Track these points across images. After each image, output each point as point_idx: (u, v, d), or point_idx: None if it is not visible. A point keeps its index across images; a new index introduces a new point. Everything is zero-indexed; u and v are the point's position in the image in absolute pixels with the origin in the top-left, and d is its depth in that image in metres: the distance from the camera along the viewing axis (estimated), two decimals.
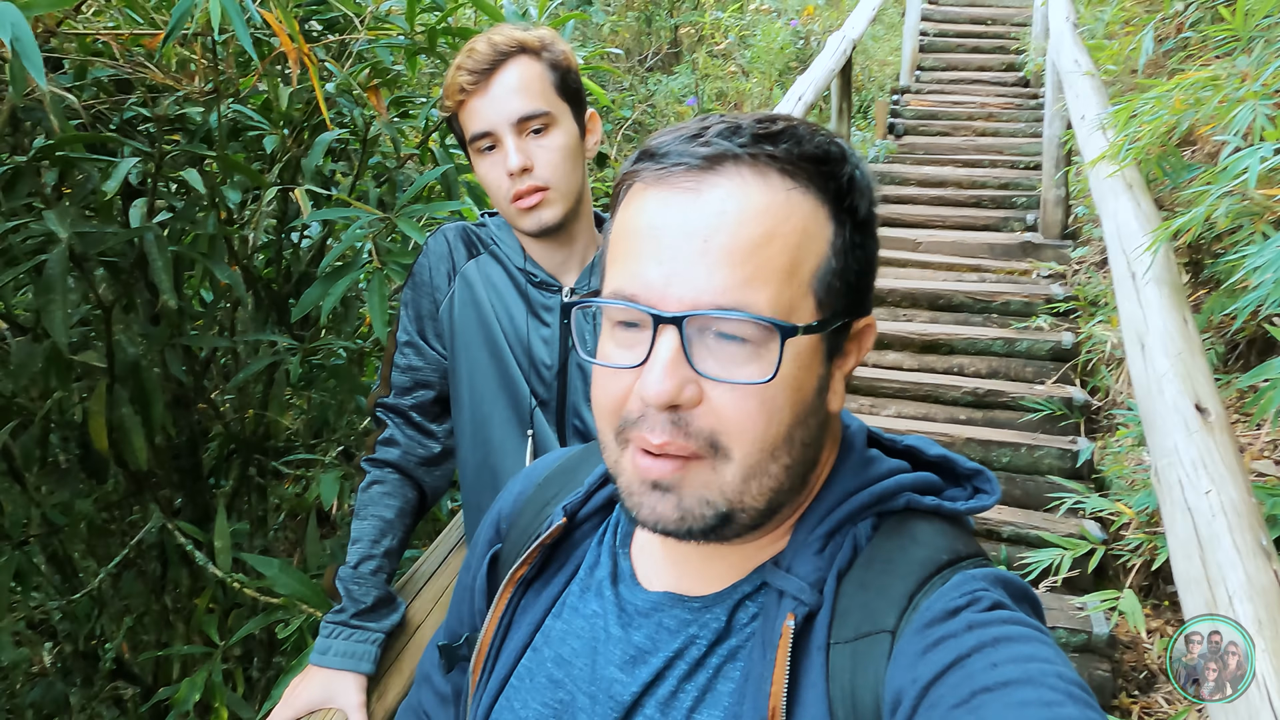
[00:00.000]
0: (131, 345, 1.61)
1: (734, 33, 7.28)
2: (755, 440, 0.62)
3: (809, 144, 0.63)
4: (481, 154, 1.29)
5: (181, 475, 2.37)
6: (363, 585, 1.33)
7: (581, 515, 0.81)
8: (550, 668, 0.75)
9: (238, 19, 1.18)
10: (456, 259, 1.40)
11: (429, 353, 1.42)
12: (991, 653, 0.56)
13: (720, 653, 0.68)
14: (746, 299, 0.60)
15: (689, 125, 0.65)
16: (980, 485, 0.72)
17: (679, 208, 0.61)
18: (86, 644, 2.32)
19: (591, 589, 0.77)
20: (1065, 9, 5.03)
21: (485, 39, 1.26)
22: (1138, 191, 2.62)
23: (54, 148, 1.39)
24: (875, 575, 0.65)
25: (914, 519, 0.68)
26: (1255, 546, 1.37)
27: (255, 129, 2.00)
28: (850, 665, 0.62)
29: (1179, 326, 1.92)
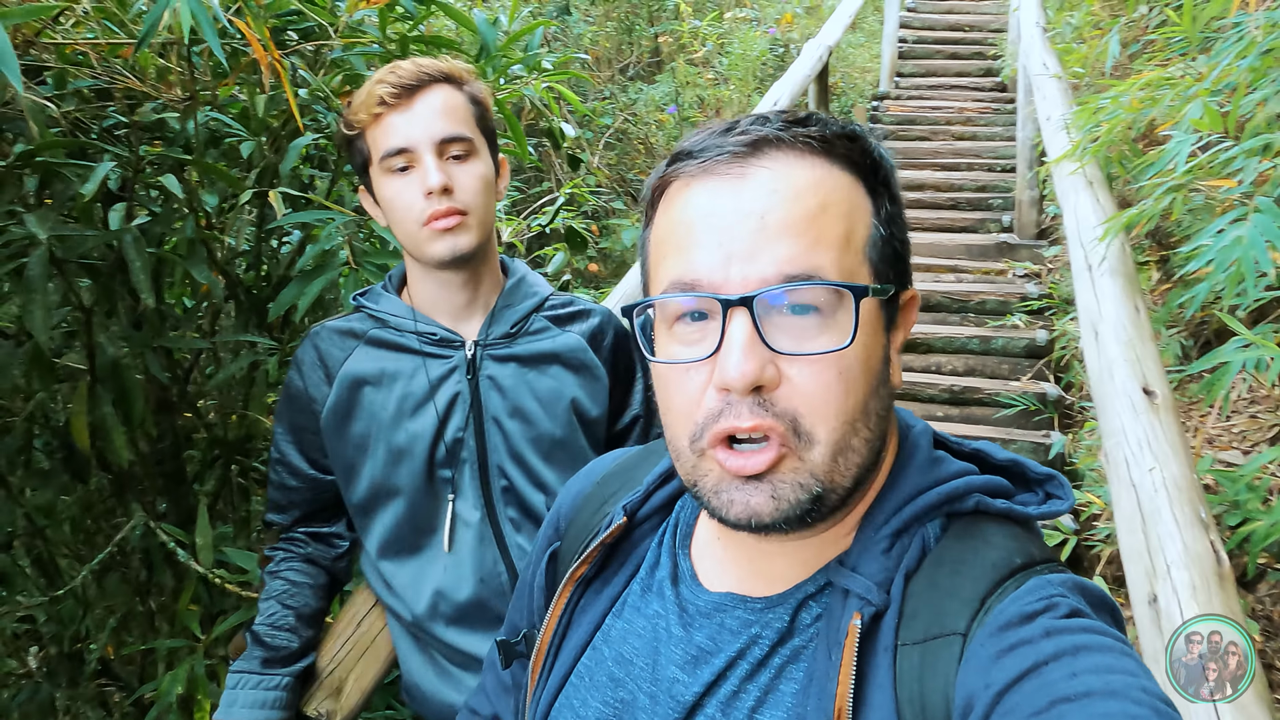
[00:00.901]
0: (112, 346, 1.65)
1: (711, 40, 7.37)
2: (837, 414, 0.62)
3: (834, 125, 0.66)
4: (392, 174, 1.23)
5: (165, 479, 2.40)
6: (275, 635, 1.31)
7: (641, 515, 0.80)
8: (611, 667, 0.75)
9: (208, 28, 1.23)
10: (329, 363, 1.32)
11: (303, 471, 1.37)
12: (1071, 661, 0.54)
13: (783, 653, 0.67)
14: (813, 264, 0.61)
15: (717, 124, 0.67)
16: (1053, 490, 0.69)
17: (729, 192, 0.62)
18: (72, 646, 2.34)
19: (653, 589, 0.77)
20: (1035, 14, 5.14)
21: (410, 61, 1.25)
22: (1097, 188, 2.70)
23: (33, 154, 1.44)
24: (945, 576, 0.63)
25: (984, 521, 0.67)
26: (1194, 518, 1.43)
27: (233, 136, 2.05)
28: (919, 667, 0.60)
29: (1130, 315, 1.99)
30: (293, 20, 2.14)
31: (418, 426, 1.31)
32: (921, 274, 5.15)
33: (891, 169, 0.69)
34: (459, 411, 1.32)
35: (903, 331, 0.70)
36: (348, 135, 1.27)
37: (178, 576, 2.32)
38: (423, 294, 1.33)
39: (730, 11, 8.08)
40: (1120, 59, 4.80)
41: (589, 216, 5.77)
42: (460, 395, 1.32)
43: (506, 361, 1.34)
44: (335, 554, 1.43)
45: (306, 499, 1.39)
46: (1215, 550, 1.36)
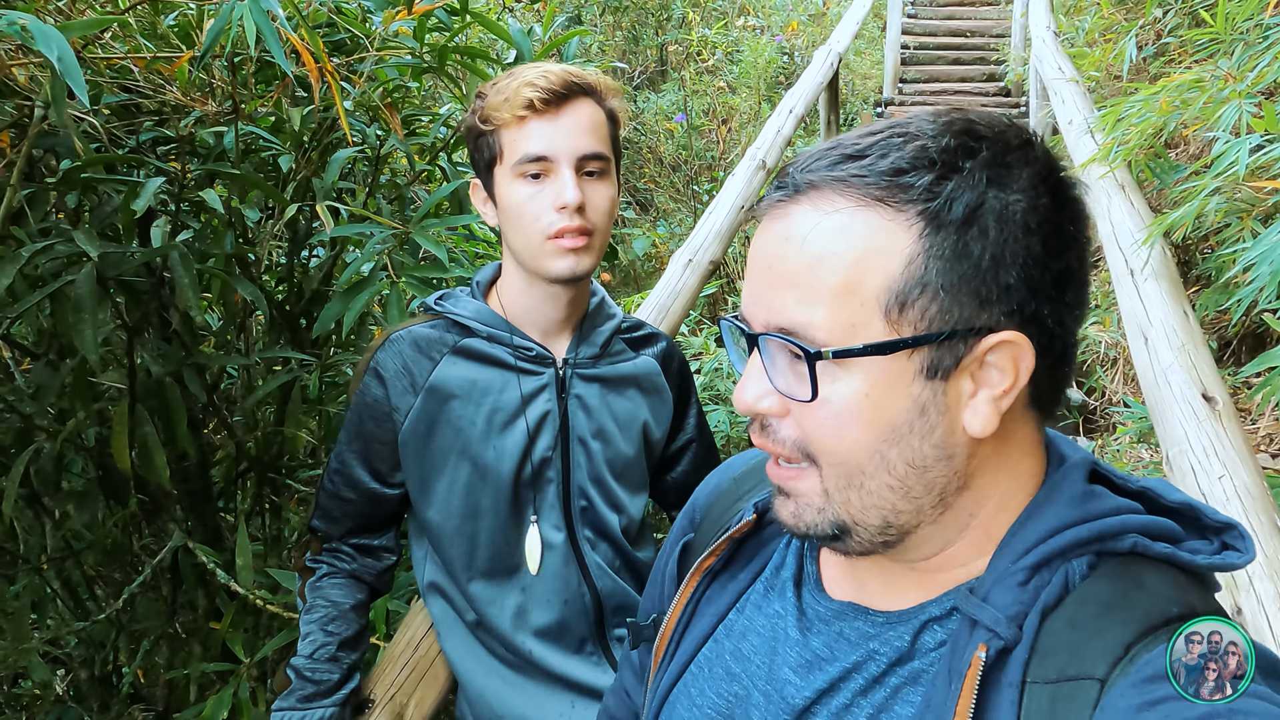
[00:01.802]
0: (155, 365, 1.62)
1: (720, 49, 7.37)
2: (832, 454, 0.63)
3: (895, 153, 0.61)
4: (523, 179, 1.19)
5: (191, 497, 2.37)
6: (317, 669, 1.28)
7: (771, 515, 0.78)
8: (729, 660, 0.76)
9: (272, 38, 1.20)
10: (416, 372, 1.27)
11: (364, 484, 1.31)
12: None
13: (901, 674, 0.66)
14: (798, 320, 0.62)
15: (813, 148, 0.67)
16: (1230, 541, 0.64)
17: (762, 235, 0.66)
18: (102, 669, 2.30)
19: (775, 589, 0.77)
20: (1045, 18, 5.15)
21: (560, 66, 1.21)
22: (1130, 191, 2.68)
23: (79, 169, 1.41)
24: (1089, 617, 0.60)
25: (1142, 565, 0.62)
26: (1271, 527, 1.41)
27: (268, 149, 2.02)
28: (1049, 709, 0.57)
29: (1180, 320, 1.97)
30: (327, 32, 2.11)
31: (507, 444, 1.28)
32: None
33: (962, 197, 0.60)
34: (548, 431, 1.30)
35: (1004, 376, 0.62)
36: (479, 129, 1.22)
37: (209, 597, 2.28)
38: (518, 303, 1.29)
39: (736, 20, 8.09)
40: (1135, 62, 4.80)
41: None
42: (550, 414, 1.30)
43: (592, 382, 1.33)
44: (381, 568, 1.40)
45: (360, 512, 1.35)
46: None
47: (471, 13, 2.11)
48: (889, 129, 0.64)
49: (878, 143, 0.62)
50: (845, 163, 0.62)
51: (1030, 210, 0.60)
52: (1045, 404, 0.66)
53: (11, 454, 1.83)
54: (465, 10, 2.09)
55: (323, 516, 1.36)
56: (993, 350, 0.61)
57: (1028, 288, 0.61)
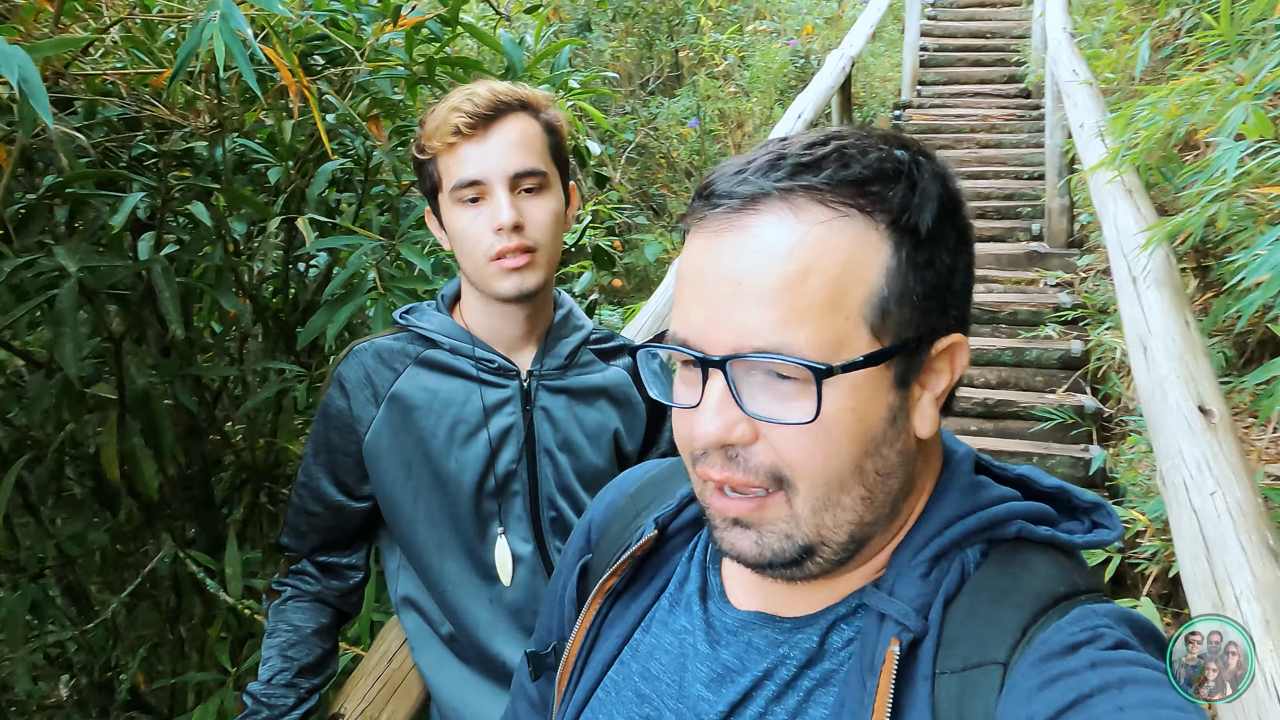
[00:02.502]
0: (141, 376, 1.64)
1: (733, 54, 7.35)
2: (817, 474, 0.61)
3: (856, 165, 0.61)
4: (462, 205, 1.20)
5: (194, 505, 2.39)
6: (272, 695, 1.28)
7: (673, 528, 0.80)
8: (637, 682, 0.74)
9: (241, 57, 1.21)
10: (378, 383, 1.27)
11: (330, 497, 1.31)
12: (1117, 695, 0.53)
13: (812, 676, 0.66)
14: (784, 339, 0.59)
15: (738, 159, 0.65)
16: (1100, 519, 0.67)
17: (717, 251, 0.61)
18: (102, 675, 2.33)
19: (681, 604, 0.76)
20: (1062, 19, 5.07)
21: (486, 86, 1.20)
22: (1137, 196, 2.63)
23: (64, 185, 1.43)
24: (985, 604, 0.62)
25: (1027, 549, 0.65)
26: (1262, 546, 1.36)
27: (261, 162, 2.04)
28: (957, 696, 0.59)
29: (1180, 329, 1.92)
30: (319, 45, 2.13)
31: (469, 455, 1.28)
32: None
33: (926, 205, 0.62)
34: (512, 443, 1.29)
35: (943, 378, 0.65)
36: (418, 158, 1.24)
37: (207, 604, 2.30)
38: (479, 320, 1.30)
39: (750, 24, 8.07)
40: (1152, 63, 4.71)
41: (612, 233, 5.75)
42: (515, 427, 1.29)
43: (559, 393, 1.33)
44: (347, 588, 1.39)
45: (328, 526, 1.35)
46: None
47: (462, 24, 2.11)
48: (830, 137, 0.64)
49: (831, 153, 0.61)
50: (804, 172, 0.61)
51: (966, 217, 0.65)
52: (948, 402, 0.68)
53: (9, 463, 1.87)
54: (455, 22, 2.09)
55: (290, 532, 1.36)
56: (942, 353, 0.65)
57: (966, 291, 0.66)
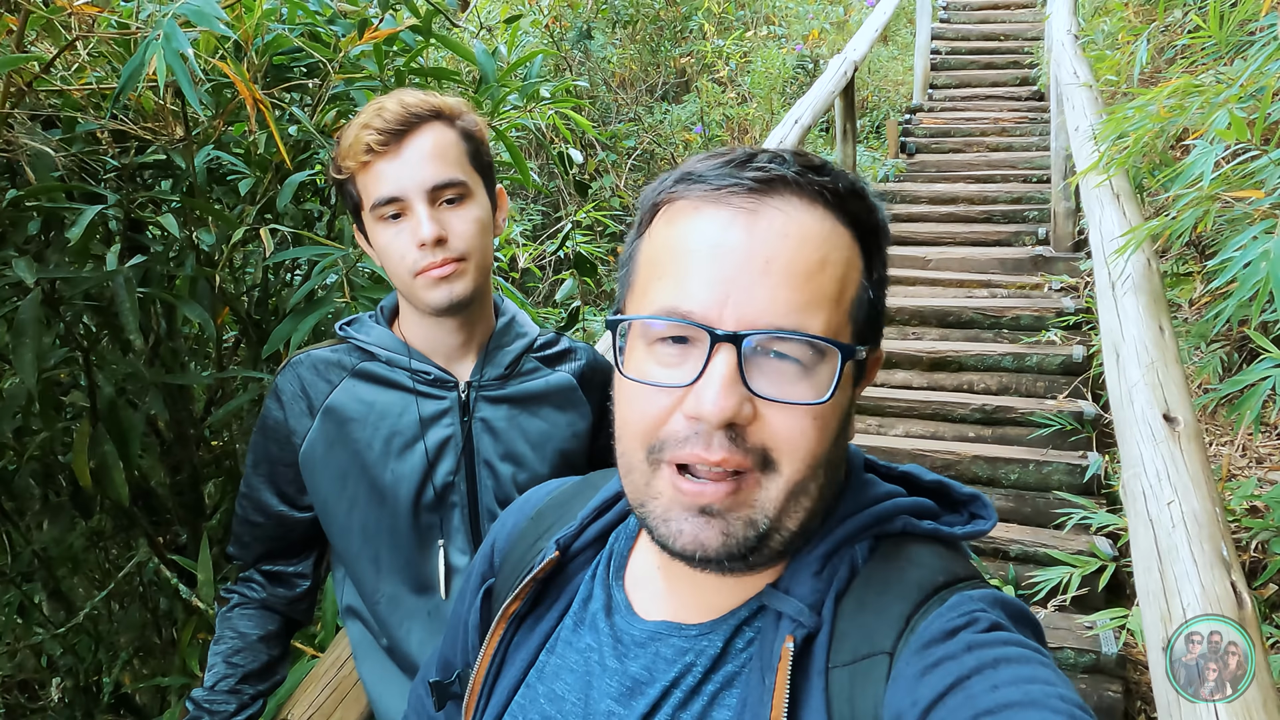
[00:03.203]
0: (109, 385, 1.67)
1: (734, 60, 7.33)
2: (805, 457, 0.62)
3: (845, 180, 0.66)
4: (384, 222, 1.18)
5: (185, 511, 2.43)
6: (215, 701, 1.28)
7: (575, 549, 0.80)
8: (544, 704, 0.74)
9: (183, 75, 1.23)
10: (313, 395, 1.27)
11: (271, 508, 1.32)
12: (992, 674, 0.56)
13: (716, 679, 0.67)
14: (805, 321, 0.61)
15: (733, 153, 0.66)
16: (976, 511, 0.72)
17: (740, 227, 0.62)
18: (88, 678, 2.37)
19: (585, 622, 0.76)
20: (1067, 21, 5.02)
21: (395, 99, 1.17)
22: (1125, 200, 2.59)
23: (23, 199, 1.46)
24: (873, 596, 0.64)
25: (910, 542, 0.68)
26: (1214, 557, 1.34)
27: (236, 174, 2.07)
28: (849, 688, 0.61)
29: (1154, 336, 1.89)
30: (297, 57, 2.16)
31: (405, 467, 1.27)
32: (954, 289, 5.03)
33: (886, 232, 0.69)
34: (450, 455, 1.28)
35: (864, 386, 0.72)
36: (336, 178, 1.23)
37: (188, 609, 2.33)
38: (416, 333, 1.30)
39: (756, 30, 8.05)
40: (1156, 65, 4.65)
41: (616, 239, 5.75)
42: (452, 439, 1.28)
43: (499, 403, 1.31)
44: (294, 596, 1.39)
45: (271, 536, 1.35)
46: (1237, 592, 1.26)
47: (435, 35, 2.14)
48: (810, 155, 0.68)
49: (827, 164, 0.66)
50: (813, 173, 0.65)
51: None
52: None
53: None
54: (428, 33, 2.11)
55: (235, 542, 1.37)
56: (872, 363, 0.71)
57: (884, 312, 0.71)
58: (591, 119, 6.28)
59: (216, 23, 1.26)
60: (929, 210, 5.98)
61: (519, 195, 6.21)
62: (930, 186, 6.32)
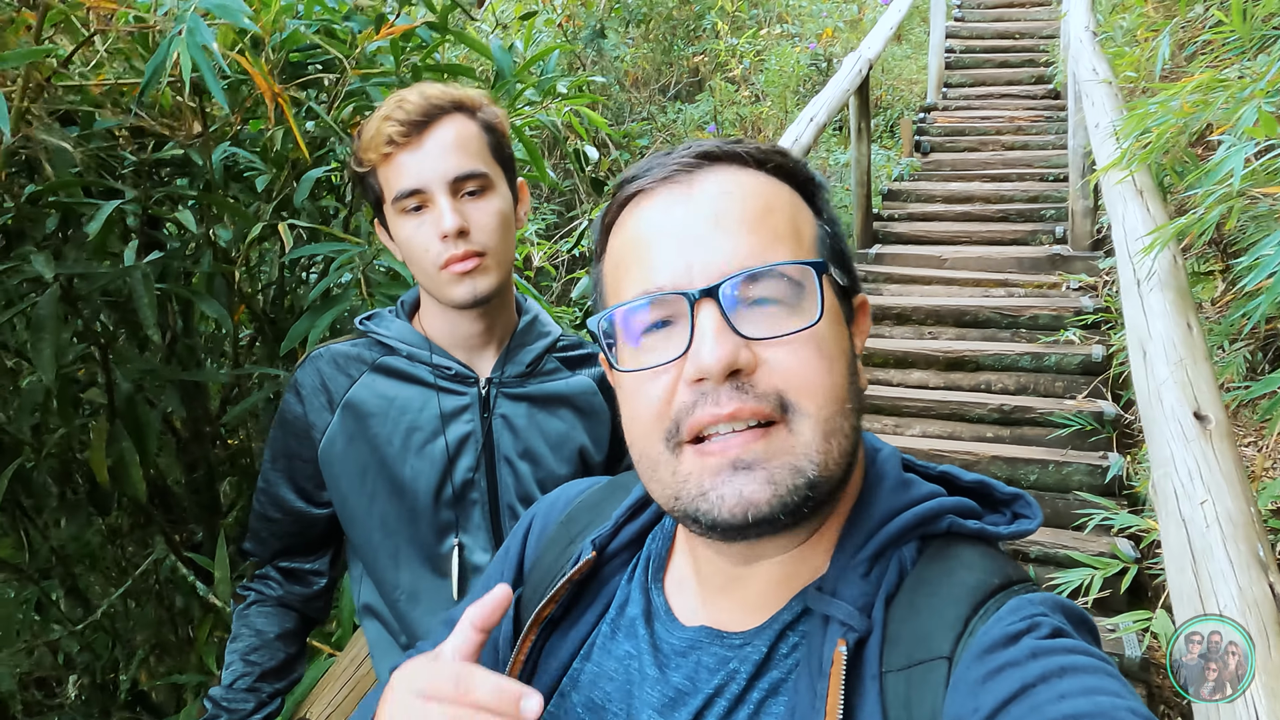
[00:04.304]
0: (126, 381, 1.66)
1: (748, 58, 7.31)
2: (823, 389, 0.62)
3: (766, 146, 0.69)
4: (406, 214, 1.17)
5: (200, 509, 2.43)
6: (233, 699, 1.27)
7: (611, 550, 0.78)
8: (580, 713, 0.72)
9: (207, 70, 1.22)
10: (333, 389, 1.26)
11: (289, 504, 1.31)
12: (1058, 683, 0.54)
13: (761, 687, 0.65)
14: (770, 256, 0.63)
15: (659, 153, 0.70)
16: (1020, 510, 0.70)
17: (680, 199, 0.65)
18: (104, 676, 2.37)
19: (623, 628, 0.74)
20: (1084, 18, 4.97)
21: (417, 91, 1.17)
22: (1148, 196, 2.55)
23: (43, 194, 1.46)
24: (924, 599, 0.63)
25: (958, 543, 0.67)
26: (1250, 558, 1.31)
27: (253, 170, 2.07)
28: (905, 694, 0.59)
29: (1181, 333, 1.86)
30: (314, 54, 2.16)
31: (424, 463, 1.26)
32: (970, 289, 4.99)
33: (821, 185, 0.72)
34: (470, 451, 1.27)
35: (860, 338, 0.72)
36: (357, 171, 1.22)
37: (204, 607, 2.33)
38: (437, 327, 1.29)
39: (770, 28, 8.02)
40: (1176, 61, 4.60)
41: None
42: (472, 434, 1.27)
43: (520, 401, 1.30)
44: (311, 593, 1.38)
45: (288, 532, 1.35)
46: (1275, 594, 1.23)
47: (451, 31, 2.12)
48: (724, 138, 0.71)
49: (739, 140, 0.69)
50: (735, 145, 0.68)
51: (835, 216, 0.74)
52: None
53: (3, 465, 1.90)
54: (445, 28, 2.10)
55: (252, 538, 1.36)
56: (860, 310, 0.72)
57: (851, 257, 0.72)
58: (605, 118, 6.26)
59: (240, 16, 1.25)
60: (944, 209, 5.94)
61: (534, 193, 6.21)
62: (946, 185, 6.28)
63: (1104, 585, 2.92)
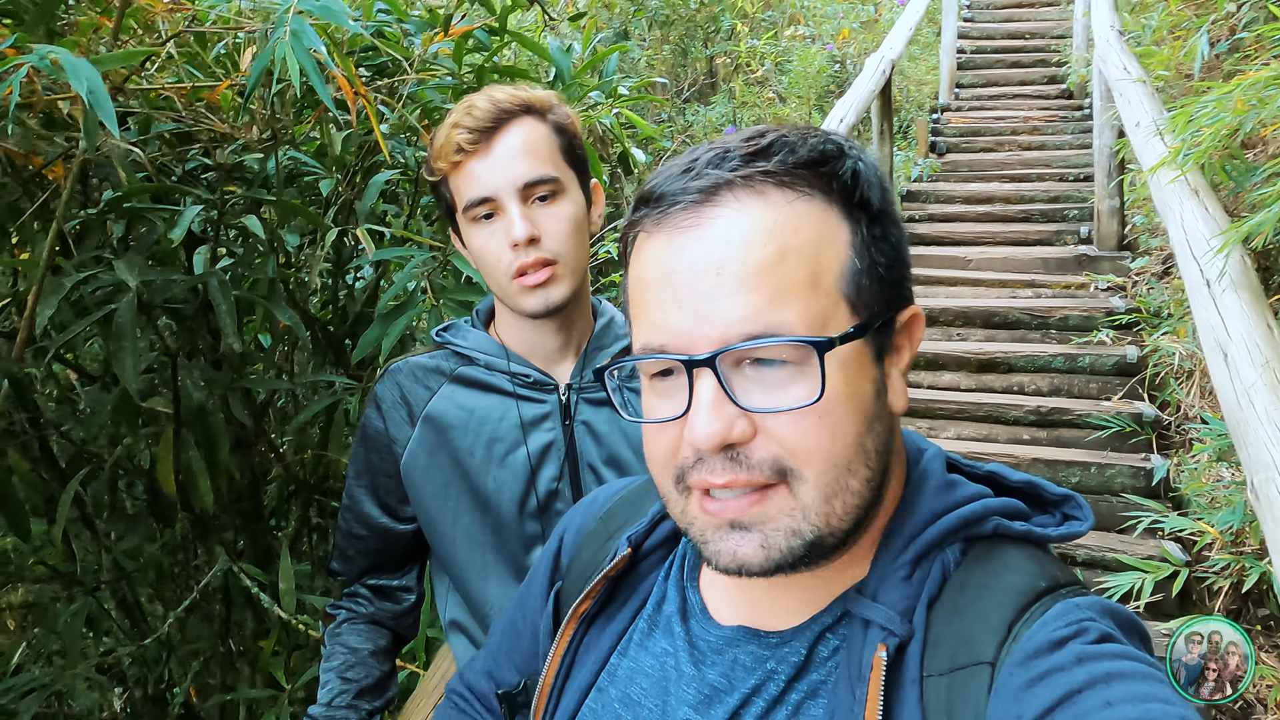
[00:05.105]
0: (197, 390, 1.63)
1: (770, 59, 7.29)
2: (824, 458, 0.60)
3: (803, 149, 0.62)
4: (477, 223, 1.15)
5: (243, 518, 2.39)
6: (334, 716, 1.25)
7: (646, 547, 0.78)
8: (617, 708, 0.72)
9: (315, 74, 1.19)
10: (414, 402, 1.24)
11: (374, 520, 1.29)
12: (1105, 690, 0.52)
13: (800, 689, 0.64)
14: (774, 320, 0.58)
15: (678, 161, 0.64)
16: (1070, 512, 0.68)
17: (685, 248, 0.60)
18: (155, 688, 2.33)
19: (659, 625, 0.74)
20: (1109, 16, 4.96)
21: (485, 96, 1.14)
22: (1204, 196, 2.53)
23: (122, 200, 1.43)
24: (969, 602, 0.61)
25: (1004, 545, 0.65)
26: None
27: (310, 174, 2.04)
28: (947, 699, 0.58)
29: (1264, 333, 1.83)
30: (367, 56, 2.13)
31: (507, 474, 1.23)
32: (997, 289, 4.96)
33: (871, 183, 0.64)
34: (553, 460, 1.24)
35: (906, 352, 0.67)
36: (431, 181, 1.20)
37: (258, 617, 2.29)
38: (513, 335, 1.26)
39: (786, 30, 8.00)
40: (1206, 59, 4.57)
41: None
42: (555, 443, 1.24)
43: (601, 406, 1.27)
44: (401, 610, 1.36)
45: (374, 549, 1.32)
46: None
47: (510, 32, 2.10)
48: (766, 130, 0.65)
49: (775, 141, 0.62)
50: (757, 159, 0.61)
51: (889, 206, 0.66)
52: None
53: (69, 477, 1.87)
54: (504, 30, 2.08)
55: (339, 556, 1.34)
56: (903, 326, 0.66)
57: (908, 265, 0.67)
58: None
59: (344, 17, 1.22)
60: (965, 210, 5.92)
61: None
62: (964, 186, 6.26)
63: (1154, 589, 2.90)
